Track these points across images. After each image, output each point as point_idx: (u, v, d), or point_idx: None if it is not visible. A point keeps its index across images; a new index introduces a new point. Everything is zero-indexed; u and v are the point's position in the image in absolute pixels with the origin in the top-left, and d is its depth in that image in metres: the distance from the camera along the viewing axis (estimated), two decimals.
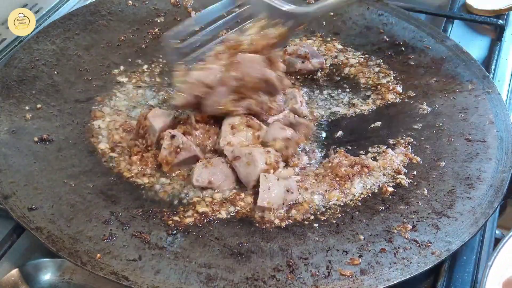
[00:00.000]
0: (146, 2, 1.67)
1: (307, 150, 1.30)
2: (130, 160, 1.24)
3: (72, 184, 1.16)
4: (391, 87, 1.44)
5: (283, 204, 1.14)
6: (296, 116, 1.32)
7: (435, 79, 1.46)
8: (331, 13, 1.65)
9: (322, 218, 1.14)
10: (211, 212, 1.13)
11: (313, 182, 1.20)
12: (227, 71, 1.22)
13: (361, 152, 1.29)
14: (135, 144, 1.26)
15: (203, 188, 1.18)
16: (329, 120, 1.39)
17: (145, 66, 1.50)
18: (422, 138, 1.31)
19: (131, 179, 1.20)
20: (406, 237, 1.08)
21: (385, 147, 1.30)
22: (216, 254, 1.05)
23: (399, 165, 1.25)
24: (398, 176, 1.22)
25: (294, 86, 1.44)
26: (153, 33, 1.58)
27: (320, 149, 1.31)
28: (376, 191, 1.20)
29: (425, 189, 1.19)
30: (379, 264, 1.03)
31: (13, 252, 1.10)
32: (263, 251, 1.06)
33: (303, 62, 1.47)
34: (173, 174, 1.21)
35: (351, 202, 1.17)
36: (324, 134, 1.36)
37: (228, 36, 1.33)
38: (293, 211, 1.14)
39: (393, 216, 1.13)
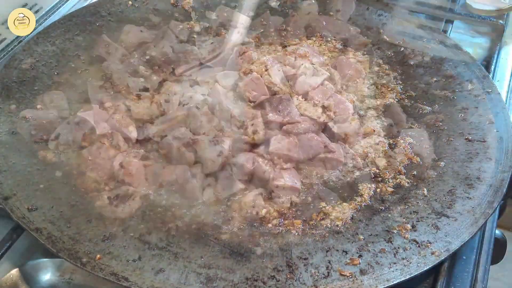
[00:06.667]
0: (146, 3, 1.67)
1: None
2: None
3: (72, 184, 1.17)
4: (391, 87, 1.44)
5: None
6: None
7: (435, 79, 1.46)
8: (331, 13, 1.65)
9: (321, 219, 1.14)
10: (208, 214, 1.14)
11: None
12: None
13: None
14: None
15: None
16: None
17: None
18: (422, 138, 1.31)
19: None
20: (406, 237, 1.08)
21: None
22: (216, 254, 1.05)
23: (399, 165, 1.25)
24: (398, 176, 1.22)
25: None
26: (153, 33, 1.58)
27: None
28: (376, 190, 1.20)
29: (425, 189, 1.19)
30: (379, 264, 1.03)
31: (13, 252, 1.10)
32: (263, 251, 1.06)
33: None
34: None
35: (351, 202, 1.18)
36: None
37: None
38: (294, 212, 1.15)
39: (393, 216, 1.14)
